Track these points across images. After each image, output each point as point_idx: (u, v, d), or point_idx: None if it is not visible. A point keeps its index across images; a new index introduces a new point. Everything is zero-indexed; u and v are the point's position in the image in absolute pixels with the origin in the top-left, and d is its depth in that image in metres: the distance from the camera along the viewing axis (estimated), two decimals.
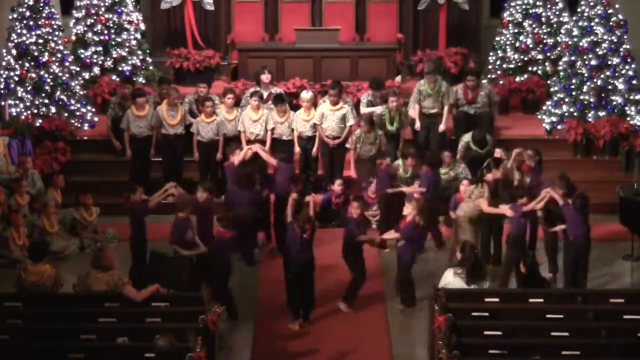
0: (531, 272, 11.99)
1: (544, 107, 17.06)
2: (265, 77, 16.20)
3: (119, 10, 17.66)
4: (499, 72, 18.08)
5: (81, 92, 16.91)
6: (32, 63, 16.38)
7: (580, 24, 16.60)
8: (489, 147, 15.36)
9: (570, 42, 16.74)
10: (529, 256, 12.30)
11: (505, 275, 12.81)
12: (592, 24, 16.44)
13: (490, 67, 18.22)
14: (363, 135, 15.37)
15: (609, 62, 16.38)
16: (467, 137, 15.59)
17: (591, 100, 16.46)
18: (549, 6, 17.94)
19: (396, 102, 15.63)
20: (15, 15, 16.42)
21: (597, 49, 16.41)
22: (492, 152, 14.86)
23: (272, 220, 14.47)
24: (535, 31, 17.90)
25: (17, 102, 16.25)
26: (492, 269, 13.36)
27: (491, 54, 18.29)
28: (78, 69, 17.19)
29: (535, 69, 17.93)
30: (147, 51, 18.18)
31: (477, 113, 16.22)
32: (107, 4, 17.67)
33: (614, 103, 16.41)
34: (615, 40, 16.39)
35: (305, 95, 15.80)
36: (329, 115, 15.62)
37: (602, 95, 16.46)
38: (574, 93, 16.55)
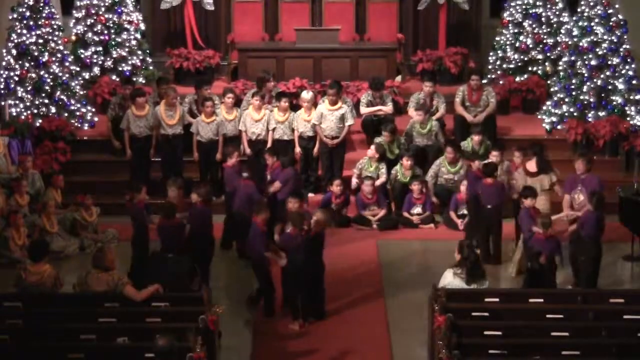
0: (536, 273, 12.00)
1: (544, 107, 17.07)
2: (270, 85, 16.20)
3: (119, 10, 17.67)
4: (499, 72, 18.09)
5: (81, 92, 16.92)
6: (32, 63, 16.38)
7: (580, 24, 16.61)
8: (485, 150, 15.47)
9: (570, 42, 16.75)
10: (534, 258, 12.30)
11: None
12: (592, 24, 16.44)
13: (490, 67, 18.23)
14: (368, 163, 15.43)
15: (609, 62, 16.38)
16: (464, 144, 15.71)
17: (591, 100, 16.46)
18: (549, 6, 17.95)
19: (388, 138, 15.65)
20: (15, 15, 16.42)
21: (597, 49, 16.41)
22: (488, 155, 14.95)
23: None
24: (535, 31, 17.91)
25: (17, 102, 16.24)
26: (492, 269, 13.43)
27: (491, 54, 18.30)
28: (78, 69, 17.19)
29: (535, 69, 17.94)
30: (147, 51, 18.19)
31: (476, 116, 16.29)
32: (107, 4, 17.68)
33: (614, 103, 16.41)
34: (615, 40, 16.39)
35: (306, 95, 15.81)
36: (328, 115, 15.62)
37: (602, 95, 16.46)
38: (574, 93, 16.56)
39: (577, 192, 13.25)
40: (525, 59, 17.96)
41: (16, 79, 16.32)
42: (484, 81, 17.24)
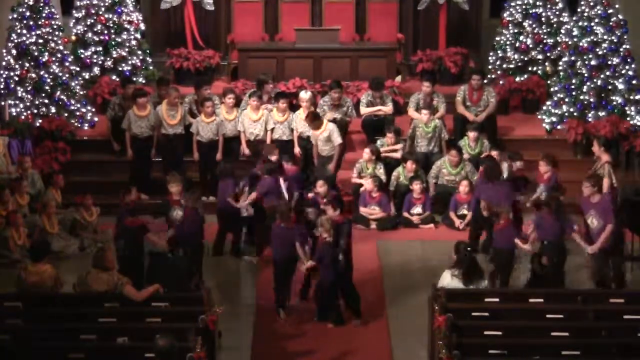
0: (539, 274, 12.01)
1: (544, 107, 17.06)
2: (269, 87, 16.20)
3: (119, 10, 17.66)
4: (499, 72, 18.07)
5: (81, 92, 16.91)
6: (32, 63, 16.38)
7: (580, 24, 16.60)
8: (481, 149, 15.52)
9: (570, 42, 16.74)
10: (536, 259, 12.30)
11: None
12: (592, 24, 16.43)
13: (490, 67, 18.22)
14: (365, 165, 15.39)
15: (609, 62, 16.37)
16: (461, 143, 15.73)
17: (591, 100, 16.45)
18: (549, 6, 17.93)
19: (392, 140, 15.71)
20: (15, 15, 16.42)
21: (597, 49, 16.40)
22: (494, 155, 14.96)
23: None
24: (535, 31, 17.89)
25: (17, 102, 16.24)
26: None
27: (491, 54, 18.29)
28: (78, 69, 17.18)
29: (535, 69, 17.93)
30: (147, 51, 18.17)
31: (477, 115, 16.31)
32: (107, 4, 17.66)
33: (614, 103, 16.39)
34: (615, 40, 16.38)
35: (304, 95, 15.77)
36: (315, 139, 15.46)
37: (602, 95, 16.45)
38: (574, 93, 16.55)
39: (590, 216, 12.90)
40: (525, 59, 17.94)
41: (16, 79, 16.32)
42: (485, 81, 17.22)
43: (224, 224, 14.17)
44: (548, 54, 17.88)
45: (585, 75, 16.44)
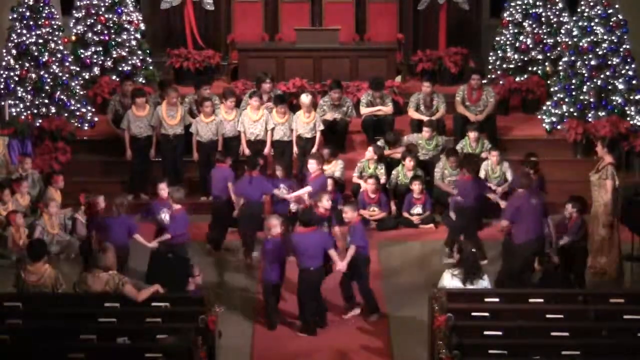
0: (547, 272, 12.03)
1: (544, 107, 17.06)
2: (267, 86, 16.20)
3: (119, 10, 17.66)
4: (499, 72, 18.07)
5: (81, 92, 16.91)
6: (32, 63, 16.37)
7: (580, 24, 16.59)
8: (481, 148, 15.59)
9: (570, 42, 16.73)
10: (545, 256, 12.32)
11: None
12: (592, 24, 16.43)
13: (490, 67, 18.22)
14: (366, 165, 15.39)
15: (609, 62, 16.37)
16: (462, 143, 15.73)
17: (591, 100, 16.44)
18: (549, 6, 17.93)
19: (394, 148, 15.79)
20: (15, 15, 16.41)
21: (597, 49, 16.39)
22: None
23: None
24: (535, 31, 17.89)
25: (17, 102, 16.23)
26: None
27: (491, 54, 18.29)
28: (78, 69, 17.18)
29: (535, 69, 17.93)
30: (147, 51, 18.17)
31: (476, 115, 16.31)
32: (107, 4, 17.66)
33: (614, 103, 16.39)
34: (615, 40, 16.37)
35: (305, 99, 15.70)
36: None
37: (602, 95, 16.44)
38: (574, 93, 16.54)
39: None
40: (525, 59, 17.94)
41: (16, 79, 16.31)
42: (484, 81, 17.22)
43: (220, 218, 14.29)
44: (548, 54, 17.88)
45: (585, 75, 16.44)
